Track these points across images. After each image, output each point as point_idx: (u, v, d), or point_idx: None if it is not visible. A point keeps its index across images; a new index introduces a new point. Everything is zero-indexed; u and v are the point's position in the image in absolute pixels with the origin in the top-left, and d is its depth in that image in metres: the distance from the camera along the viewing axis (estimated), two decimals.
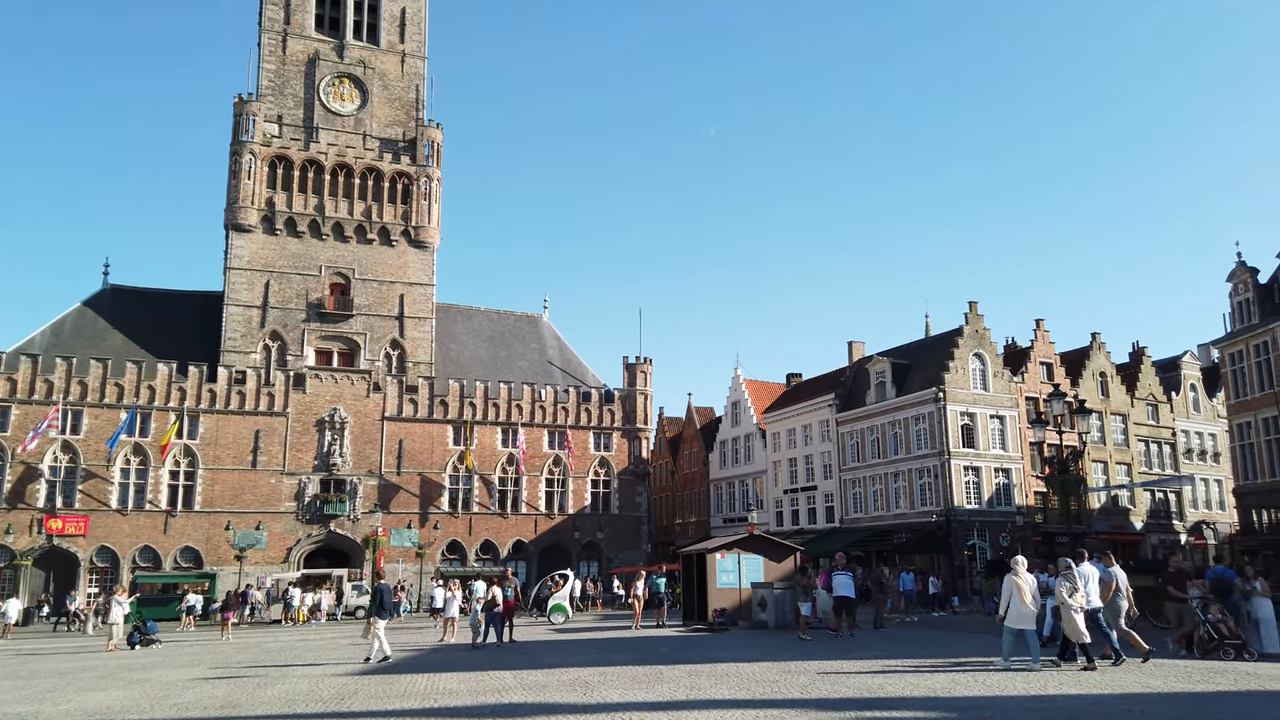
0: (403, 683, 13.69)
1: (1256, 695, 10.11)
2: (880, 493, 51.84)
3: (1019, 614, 13.64)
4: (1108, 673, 12.76)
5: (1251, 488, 40.76)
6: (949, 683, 11.76)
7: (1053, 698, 10.23)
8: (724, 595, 24.74)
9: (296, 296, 56.02)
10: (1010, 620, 13.74)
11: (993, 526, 46.65)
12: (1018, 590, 13.72)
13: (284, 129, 57.98)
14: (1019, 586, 13.76)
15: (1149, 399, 54.12)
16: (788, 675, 12.95)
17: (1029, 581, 13.97)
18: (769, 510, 60.41)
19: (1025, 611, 13.65)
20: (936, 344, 52.70)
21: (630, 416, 61.61)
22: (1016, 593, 13.72)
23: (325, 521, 52.31)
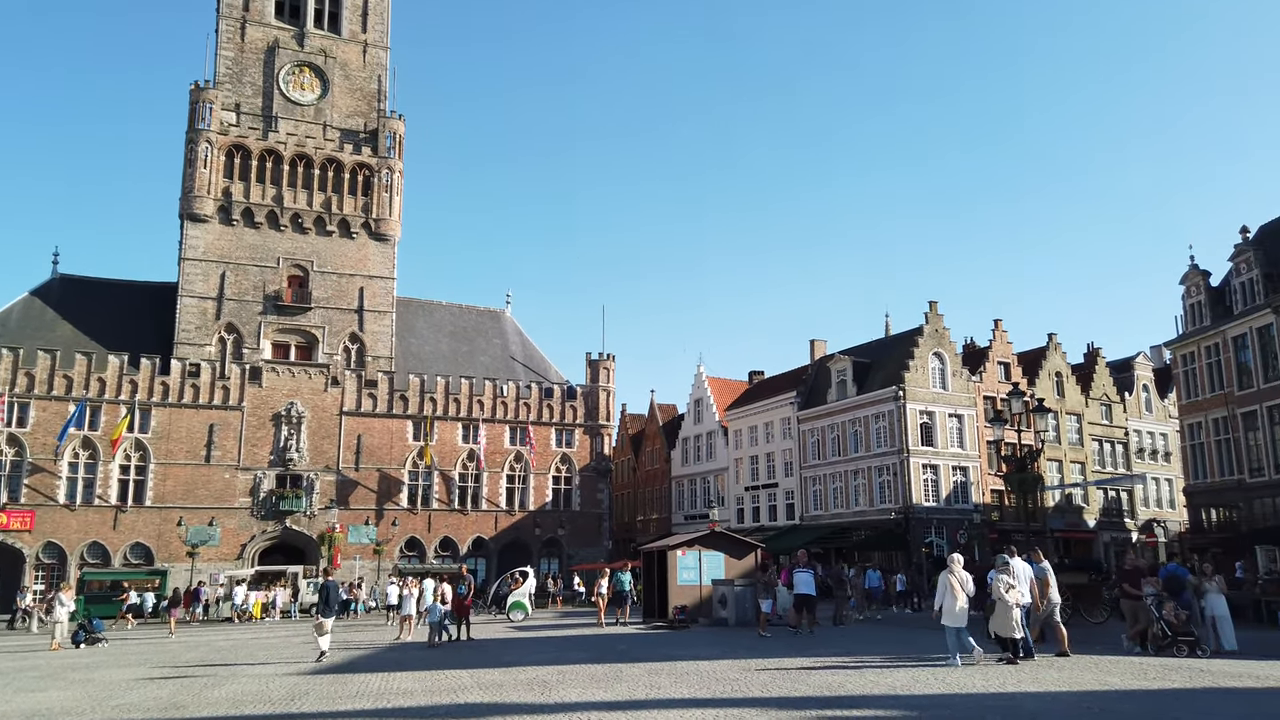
0: (356, 682, 13.38)
1: (1212, 692, 10.19)
2: (840, 490, 52.16)
3: (952, 611, 13.81)
4: (1065, 670, 12.83)
5: (1201, 487, 41.56)
6: (909, 680, 11.74)
7: (1011, 695, 10.22)
8: (685, 592, 24.65)
9: (253, 288, 54.99)
10: (945, 618, 13.91)
11: (950, 524, 47.13)
12: (951, 588, 13.87)
13: (242, 118, 56.87)
14: (953, 585, 13.92)
15: (1103, 399, 55.04)
16: (748, 673, 12.85)
17: (963, 579, 14.12)
18: (730, 507, 60.53)
19: (958, 609, 13.80)
20: (897, 343, 53.14)
21: (593, 413, 61.38)
22: (949, 590, 13.86)
23: (281, 518, 51.45)
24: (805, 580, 20.71)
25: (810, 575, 21.04)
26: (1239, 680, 11.22)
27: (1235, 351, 39.70)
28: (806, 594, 20.65)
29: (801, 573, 20.91)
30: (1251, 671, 12.18)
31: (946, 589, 13.98)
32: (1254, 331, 38.43)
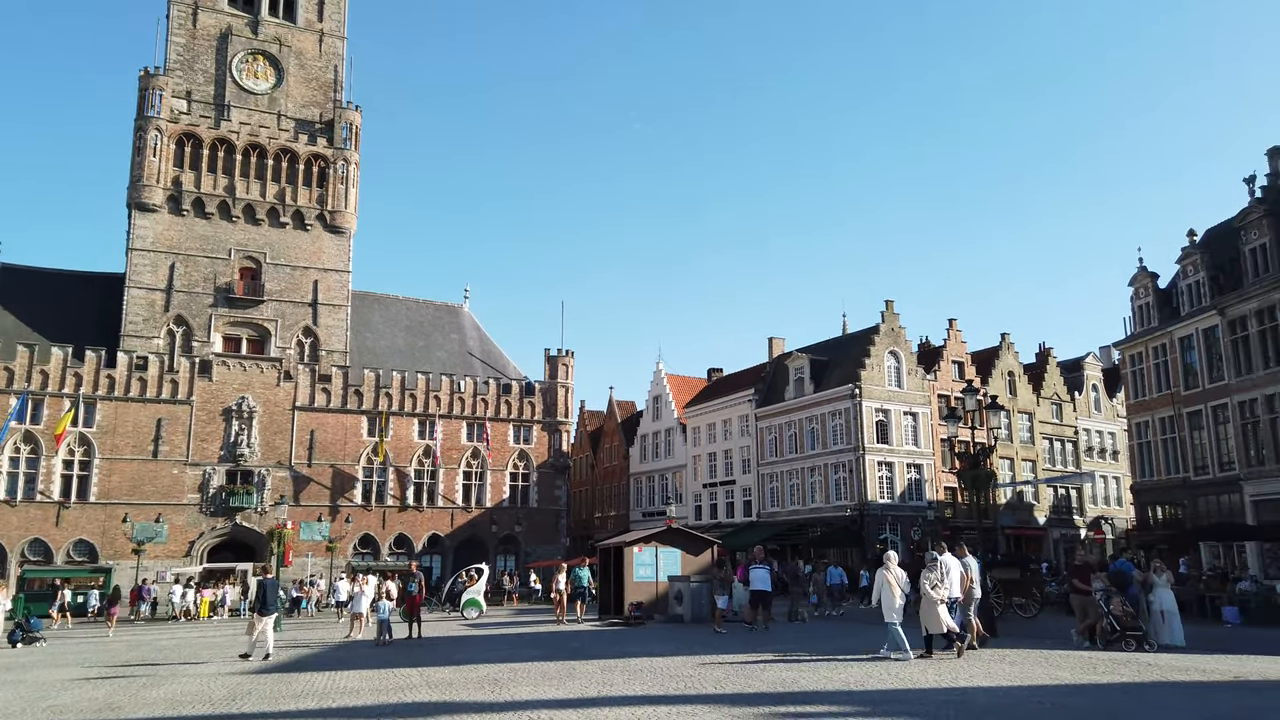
0: (301, 681, 13.03)
1: (1160, 686, 10.28)
2: (797, 487, 52.43)
3: (889, 607, 14.09)
4: (1017, 664, 12.91)
5: (1148, 485, 42.40)
6: (862, 675, 11.71)
7: (964, 690, 10.22)
8: (641, 589, 24.51)
9: (204, 280, 53.80)
10: (887, 615, 14.19)
11: (904, 520, 47.61)
12: (888, 585, 14.16)
13: (193, 106, 55.61)
14: (889, 581, 14.21)
15: (1054, 398, 55.97)
16: (702, 669, 12.74)
17: (899, 576, 14.47)
18: (688, 504, 60.58)
19: (895, 604, 14.12)
20: (853, 341, 53.54)
21: (551, 409, 61.00)
22: (887, 587, 14.15)
23: (231, 514, 50.44)
24: (761, 577, 20.68)
25: (766, 571, 21.02)
26: (1186, 674, 11.35)
27: (1182, 352, 40.53)
28: (762, 590, 20.62)
29: (757, 569, 20.88)
30: (1198, 666, 12.34)
31: (884, 585, 14.28)
32: (1200, 333, 39.26)
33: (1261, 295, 35.70)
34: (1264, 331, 35.72)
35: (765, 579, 20.73)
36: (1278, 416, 34.87)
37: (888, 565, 14.46)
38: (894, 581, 14.21)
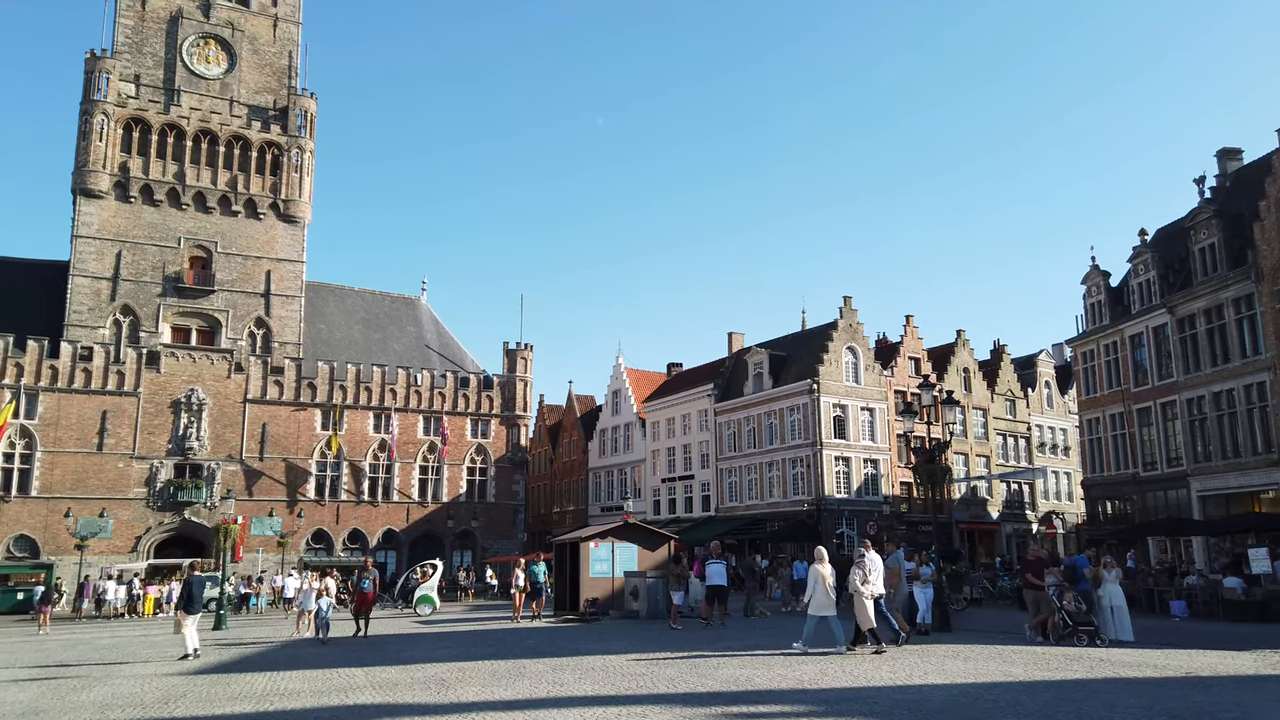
0: (240, 682, 12.58)
1: (1114, 682, 10.26)
2: (755, 482, 52.52)
3: (820, 602, 14.29)
4: (970, 660, 12.86)
5: (1098, 480, 43.06)
6: (816, 673, 11.56)
7: (919, 688, 10.11)
8: (597, 585, 24.25)
9: (152, 269, 52.42)
10: (813, 608, 14.39)
11: (860, 515, 47.89)
12: (821, 580, 14.34)
13: (141, 90, 54.13)
14: (822, 576, 14.39)
15: (1007, 394, 56.67)
16: (655, 667, 12.52)
17: (829, 572, 14.65)
18: (647, 499, 60.43)
19: (826, 600, 14.32)
20: (812, 337, 53.72)
21: (509, 403, 60.44)
22: (821, 582, 14.32)
23: (179, 509, 49.27)
24: (717, 572, 20.53)
25: (723, 566, 20.87)
26: (1138, 670, 11.36)
27: (1132, 350, 41.18)
28: (718, 585, 20.47)
29: (714, 564, 20.72)
30: (1149, 661, 12.38)
31: (817, 580, 14.47)
32: (1150, 330, 39.91)
33: (1209, 294, 36.35)
34: (1211, 330, 36.39)
35: (721, 574, 20.59)
36: (1224, 414, 35.55)
37: (819, 561, 14.64)
38: (826, 577, 14.40)
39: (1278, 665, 12.00)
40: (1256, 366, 33.98)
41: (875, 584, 14.46)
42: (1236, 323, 35.20)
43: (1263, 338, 33.78)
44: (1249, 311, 34.61)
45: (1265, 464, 33.36)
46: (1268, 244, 33.65)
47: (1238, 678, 10.54)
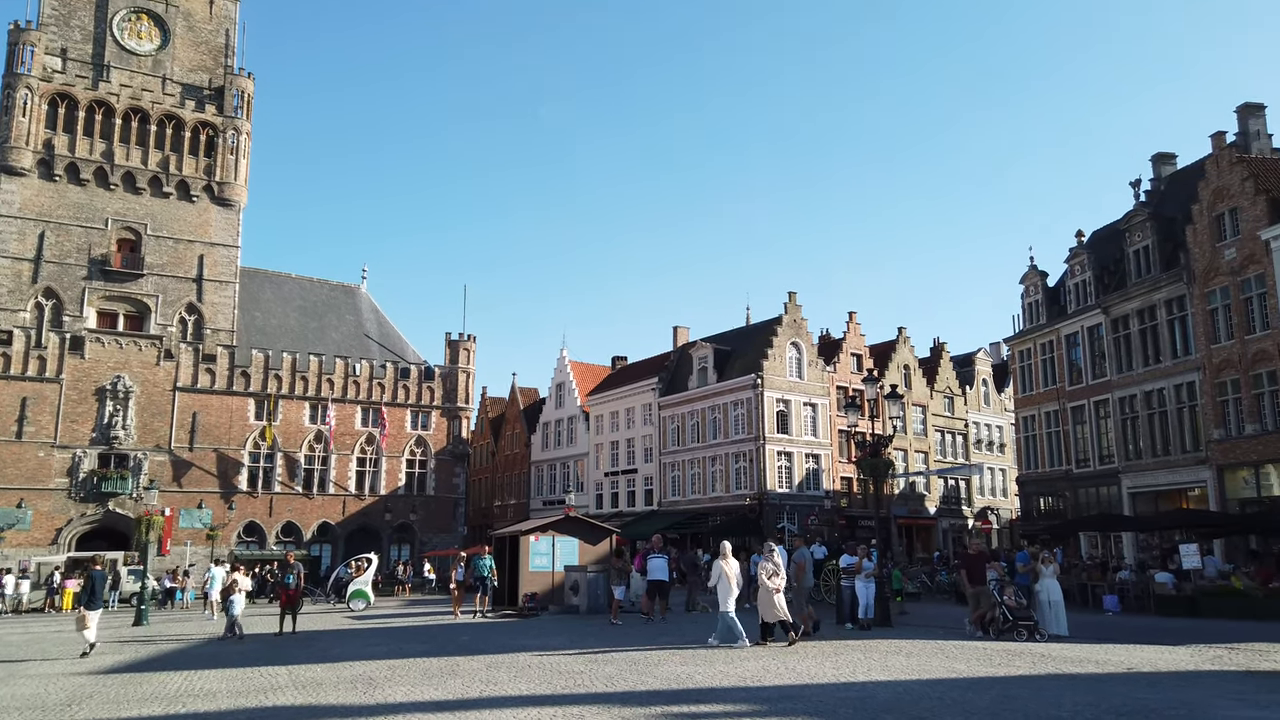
0: (153, 682, 11.88)
1: (1057, 679, 10.17)
2: (698, 476, 52.46)
3: (725, 597, 14.41)
4: (914, 656, 12.74)
5: (1032, 476, 43.86)
6: (759, 670, 11.29)
7: (863, 685, 9.90)
8: (536, 579, 23.79)
9: (77, 251, 50.33)
10: (723, 605, 14.51)
11: (802, 510, 48.14)
12: (725, 576, 14.49)
13: (69, 64, 51.90)
14: (725, 572, 14.54)
15: (946, 391, 57.49)
16: (594, 664, 12.14)
17: (735, 568, 14.89)
18: (589, 493, 60.07)
19: (730, 595, 14.47)
20: (757, 332, 53.81)
21: (451, 395, 59.47)
22: (724, 578, 14.46)
23: (103, 500, 47.47)
24: (659, 566, 20.23)
25: (664, 561, 20.57)
26: (1081, 666, 11.32)
27: (1067, 349, 41.98)
28: (660, 580, 20.17)
29: (655, 558, 20.42)
30: (1090, 657, 12.37)
31: (721, 575, 14.57)
32: (1085, 330, 40.71)
33: (1143, 295, 37.16)
34: (1144, 330, 37.21)
35: (663, 568, 20.29)
36: (1155, 412, 36.38)
37: (724, 556, 14.73)
38: (730, 573, 14.49)
39: (1215, 661, 12.09)
40: (1187, 366, 34.82)
41: (782, 578, 14.60)
42: (1168, 323, 36.03)
43: (1193, 338, 34.62)
44: (1180, 313, 35.45)
45: (1193, 462, 34.23)
46: (1199, 247, 34.48)
47: (1179, 674, 10.55)
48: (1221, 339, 33.32)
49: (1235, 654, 12.94)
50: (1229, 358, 32.87)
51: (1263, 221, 31.75)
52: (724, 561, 14.77)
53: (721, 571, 14.68)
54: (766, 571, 14.35)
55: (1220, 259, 33.50)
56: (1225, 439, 32.80)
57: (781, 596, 14.30)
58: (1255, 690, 9.00)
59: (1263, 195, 32.20)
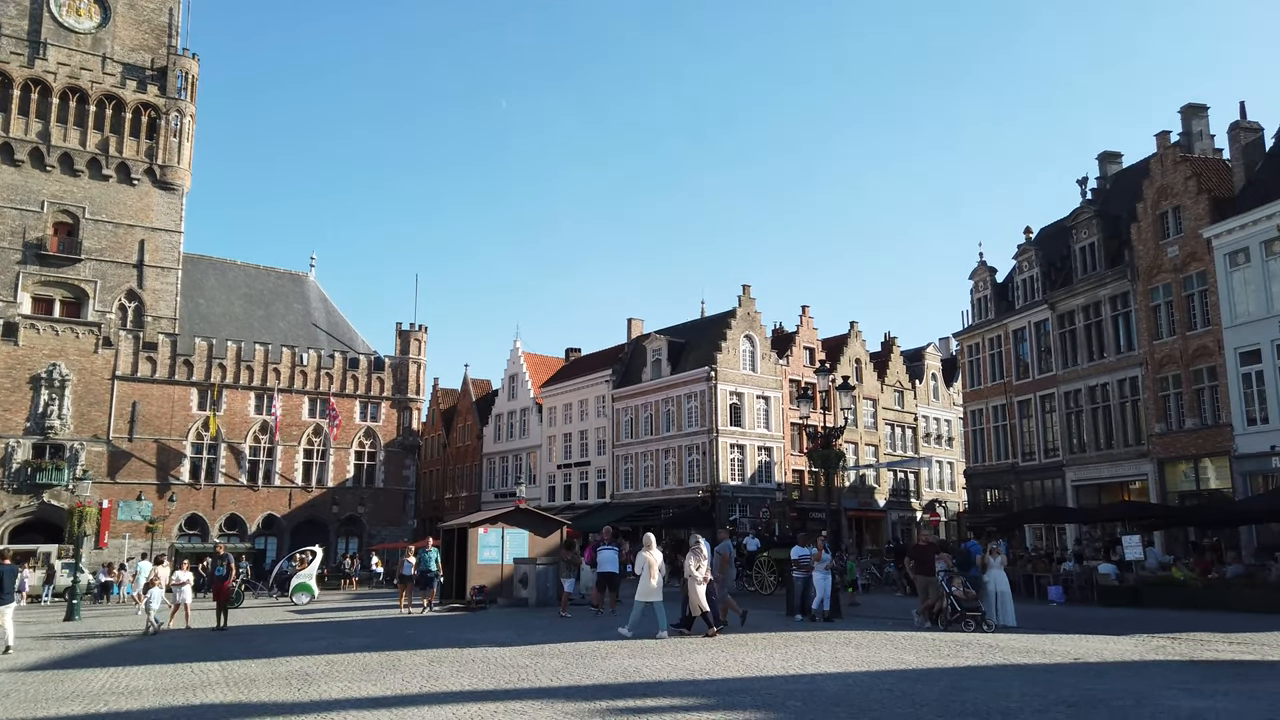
0: (76, 680, 11.34)
1: (1005, 669, 10.14)
2: (651, 468, 52.35)
3: (646, 588, 14.43)
4: (863, 648, 12.67)
5: (979, 469, 44.48)
6: (707, 663, 11.12)
7: (811, 678, 9.77)
8: (485, 572, 23.42)
9: (11, 234, 48.56)
10: (639, 594, 14.54)
11: (754, 502, 48.29)
12: (648, 567, 14.51)
13: (3, 40, 50.04)
14: (649, 563, 14.56)
15: (896, 385, 58.06)
16: (540, 659, 11.86)
17: (658, 559, 14.86)
18: (542, 485, 59.68)
19: (652, 586, 14.46)
20: (711, 324, 53.80)
21: (401, 386, 58.58)
22: (646, 569, 14.48)
23: (38, 491, 45.93)
24: (609, 558, 20.00)
25: (615, 553, 20.34)
26: (1029, 656, 11.33)
27: (1015, 344, 42.58)
28: (610, 572, 19.94)
29: (606, 550, 20.18)
30: (1037, 647, 12.42)
31: (645, 567, 14.56)
32: (1032, 325, 41.30)
33: (1088, 291, 37.78)
34: (1089, 326, 37.85)
35: (613, 560, 20.07)
36: (1099, 406, 37.03)
37: (647, 547, 14.75)
38: (654, 564, 14.51)
39: (1159, 650, 12.20)
40: (1130, 362, 35.48)
41: (706, 570, 14.68)
42: (1113, 319, 36.67)
43: (1136, 334, 35.27)
44: (1125, 309, 36.09)
45: (1135, 455, 34.90)
46: (1143, 244, 35.11)
47: (1125, 663, 10.59)
48: (1164, 335, 33.99)
49: (1178, 643, 13.09)
50: (1170, 353, 33.53)
51: (1204, 220, 32.40)
52: (647, 552, 14.84)
53: (645, 563, 14.75)
54: (692, 564, 14.50)
55: (1163, 256, 34.15)
56: (1166, 433, 33.48)
57: (703, 588, 14.41)
58: (1199, 679, 9.04)
59: (1205, 194, 32.86)
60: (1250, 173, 32.87)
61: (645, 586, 14.65)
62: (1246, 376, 30.57)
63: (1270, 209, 29.76)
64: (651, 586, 14.60)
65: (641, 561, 14.95)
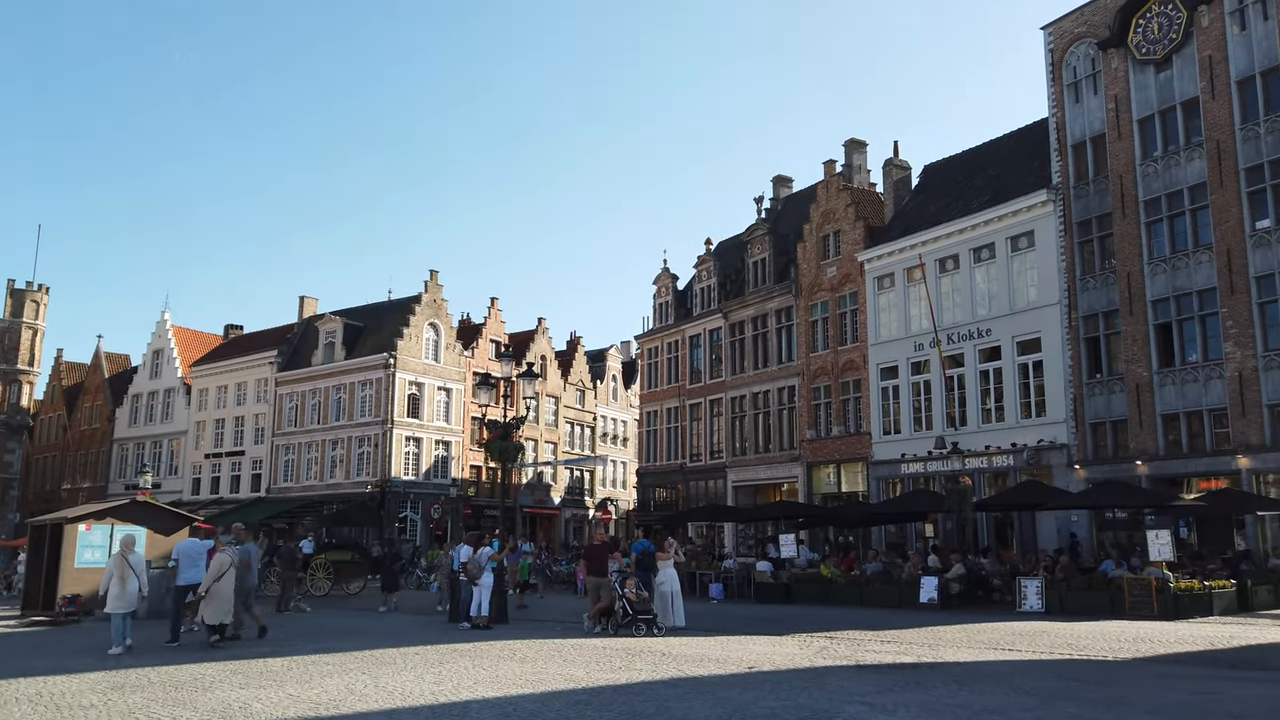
0: None
1: (681, 684, 9.28)
2: (316, 460, 48.29)
3: (120, 598, 13.16)
4: (529, 662, 11.38)
5: (651, 469, 45.77)
6: (341, 692, 9.18)
7: (465, 706, 8.24)
8: (84, 577, 19.26)
9: None
10: (110, 605, 13.22)
11: (427, 498, 46.15)
12: (117, 572, 13.27)
13: None
14: (122, 570, 13.35)
15: (579, 384, 58.54)
16: (118, 694, 9.19)
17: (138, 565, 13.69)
18: (185, 476, 53.11)
19: (120, 593, 13.23)
20: (394, 309, 50.79)
21: (10, 355, 49.45)
22: (116, 575, 13.23)
23: None
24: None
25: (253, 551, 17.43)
26: (702, 666, 10.66)
27: (690, 349, 44.29)
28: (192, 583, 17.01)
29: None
30: (709, 654, 11.88)
31: (113, 574, 13.26)
32: (707, 332, 43.15)
33: (758, 303, 40.06)
34: (757, 336, 40.13)
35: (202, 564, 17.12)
36: (760, 412, 39.32)
37: (123, 552, 13.49)
38: (130, 570, 13.28)
39: (823, 653, 12.17)
40: (789, 372, 38.00)
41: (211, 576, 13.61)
42: (777, 331, 39.11)
43: (796, 346, 37.87)
44: (788, 322, 38.61)
45: (788, 459, 37.41)
46: (807, 263, 37.77)
47: (798, 671, 10.22)
48: (819, 348, 36.73)
49: (836, 644, 13.24)
50: (824, 365, 36.31)
51: (859, 245, 35.43)
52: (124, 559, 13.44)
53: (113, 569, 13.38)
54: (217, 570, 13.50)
55: (824, 275, 36.93)
56: (816, 439, 36.18)
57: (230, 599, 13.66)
58: (875, 689, 8.74)
59: (861, 222, 35.97)
60: (899, 205, 36.48)
61: (114, 596, 13.12)
62: (885, 390, 33.74)
63: (913, 239, 33.09)
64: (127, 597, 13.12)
65: (111, 568, 13.52)
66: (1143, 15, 27.92)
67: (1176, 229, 26.65)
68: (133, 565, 13.39)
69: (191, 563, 14.66)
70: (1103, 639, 13.95)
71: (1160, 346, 26.47)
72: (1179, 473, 25.60)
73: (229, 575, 13.54)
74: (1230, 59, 25.71)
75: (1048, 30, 30.63)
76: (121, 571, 13.25)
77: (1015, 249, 30.35)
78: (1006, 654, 12.30)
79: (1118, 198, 27.77)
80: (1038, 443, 28.20)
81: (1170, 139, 27.08)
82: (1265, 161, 24.67)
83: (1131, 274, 27.08)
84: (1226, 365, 24.67)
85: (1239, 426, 24.19)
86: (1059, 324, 28.57)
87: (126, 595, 13.18)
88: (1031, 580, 19.85)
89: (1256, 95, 25.14)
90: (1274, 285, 24.27)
